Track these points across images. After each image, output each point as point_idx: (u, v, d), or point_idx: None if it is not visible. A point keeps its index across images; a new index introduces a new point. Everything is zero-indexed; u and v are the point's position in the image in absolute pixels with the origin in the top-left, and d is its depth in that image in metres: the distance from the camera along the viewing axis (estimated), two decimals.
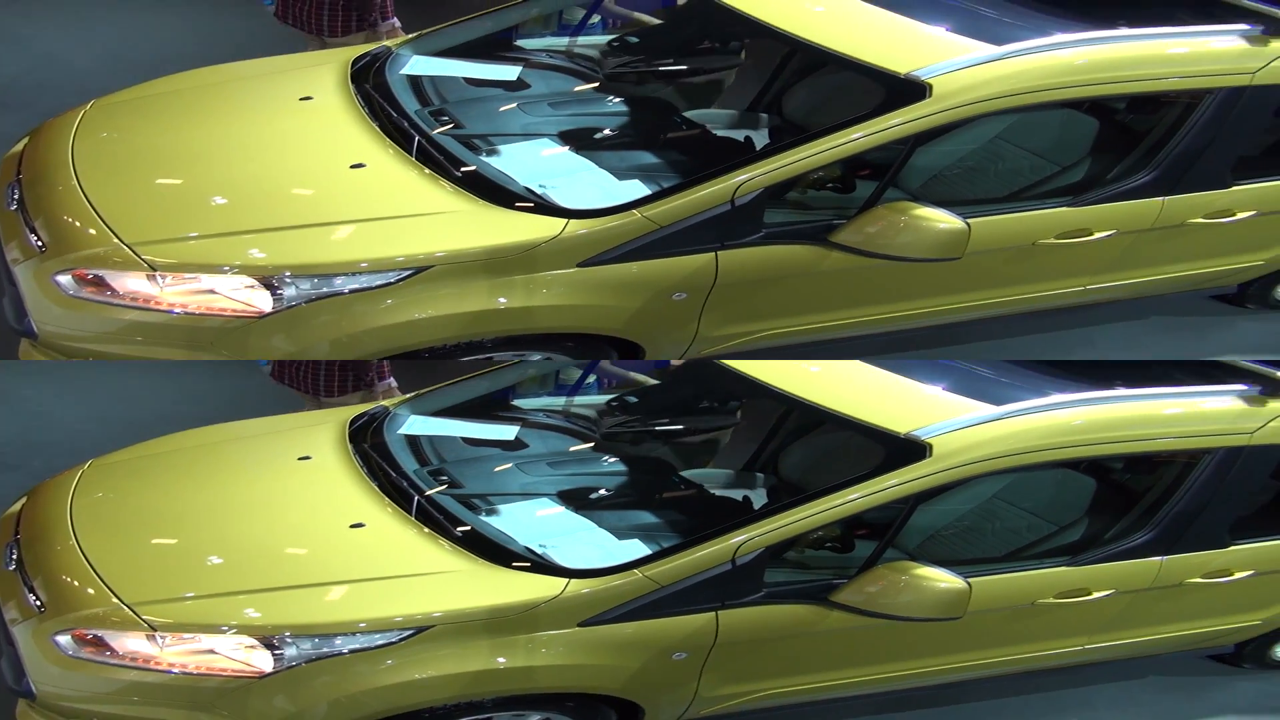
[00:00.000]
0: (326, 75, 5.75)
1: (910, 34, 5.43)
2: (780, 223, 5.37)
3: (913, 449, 5.16)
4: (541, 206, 5.26)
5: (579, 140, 5.69)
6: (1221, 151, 5.68)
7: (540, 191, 5.38)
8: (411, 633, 4.79)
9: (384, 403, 5.94)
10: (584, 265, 5.23)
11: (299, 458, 5.56)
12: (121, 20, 8.31)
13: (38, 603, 4.90)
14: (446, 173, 5.32)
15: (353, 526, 5.12)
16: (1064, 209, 5.63)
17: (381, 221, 5.18)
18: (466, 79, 5.87)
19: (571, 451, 5.97)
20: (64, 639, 4.77)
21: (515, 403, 6.21)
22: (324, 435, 5.63)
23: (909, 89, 5.24)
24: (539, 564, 5.06)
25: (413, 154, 5.38)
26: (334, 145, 5.45)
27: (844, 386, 5.51)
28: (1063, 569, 5.55)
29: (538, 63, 6.05)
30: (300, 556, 5.03)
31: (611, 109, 5.91)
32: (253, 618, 4.74)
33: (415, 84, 5.76)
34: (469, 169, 5.35)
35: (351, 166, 5.35)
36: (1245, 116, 5.61)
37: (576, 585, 4.95)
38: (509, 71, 5.88)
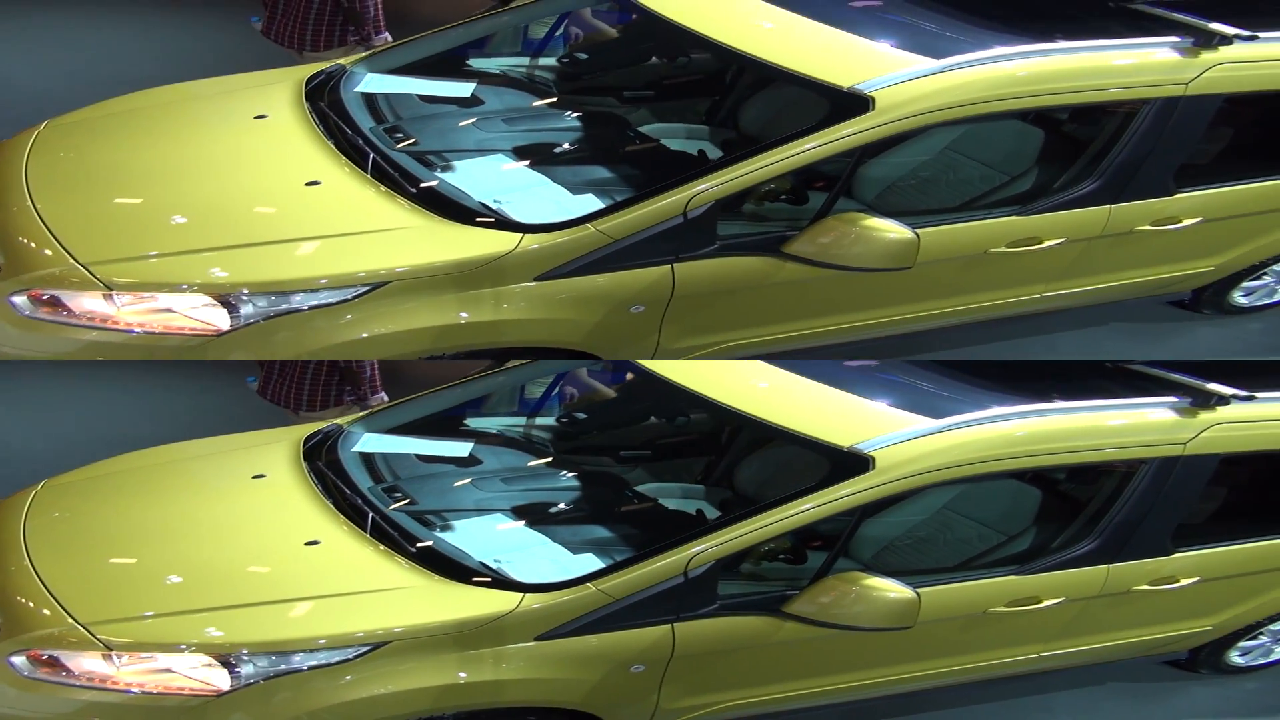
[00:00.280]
0: (281, 93, 5.76)
1: (854, 48, 5.48)
2: (735, 234, 5.41)
3: (856, 462, 5.23)
4: (496, 221, 5.29)
5: (533, 155, 5.72)
6: (1162, 160, 5.77)
7: (495, 206, 5.41)
8: (368, 649, 4.79)
9: (338, 420, 5.96)
10: (541, 279, 5.26)
11: (253, 476, 5.56)
12: (76, 41, 8.29)
13: None
14: (401, 189, 5.34)
15: (308, 544, 5.13)
16: (1013, 218, 5.69)
17: (337, 238, 5.20)
18: (420, 96, 5.89)
19: (525, 467, 6.00)
20: (19, 660, 4.76)
21: (469, 419, 6.24)
22: (278, 453, 5.64)
23: (852, 102, 5.30)
24: (494, 579, 5.08)
25: (368, 171, 5.40)
26: (289, 163, 5.47)
27: (789, 401, 5.57)
28: (1012, 578, 5.63)
29: (492, 79, 6.08)
30: (255, 574, 5.03)
31: (565, 124, 5.94)
32: (209, 636, 4.74)
33: (370, 101, 5.78)
34: (424, 185, 5.37)
35: (306, 184, 5.37)
36: (1182, 126, 5.70)
37: (531, 600, 4.97)
38: (463, 88, 5.92)
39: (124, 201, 5.33)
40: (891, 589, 5.15)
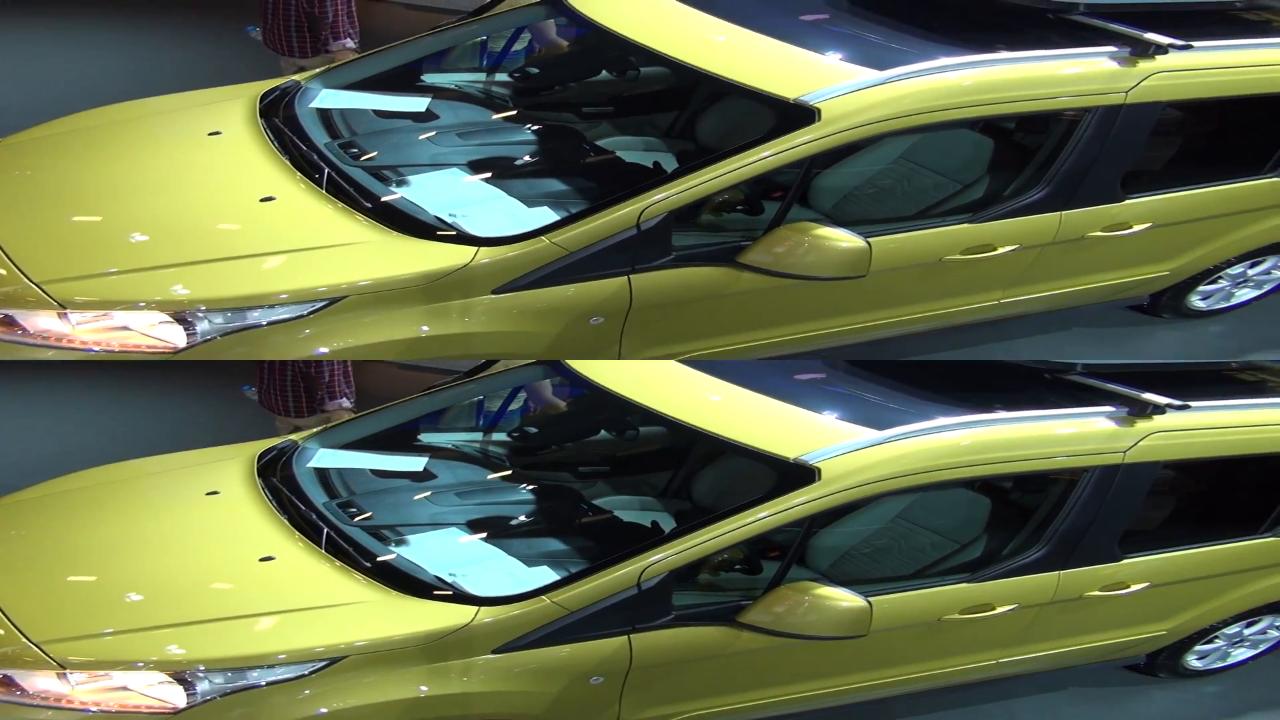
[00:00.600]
0: (235, 110, 5.76)
1: (800, 61, 5.51)
2: (690, 245, 5.43)
3: (802, 473, 5.27)
4: (451, 235, 5.30)
5: (488, 169, 5.73)
6: (1108, 167, 5.81)
7: (450, 220, 5.41)
8: (324, 664, 4.80)
9: (292, 436, 5.97)
10: (498, 292, 5.27)
11: (207, 493, 5.56)
12: (29, 59, 8.28)
13: None
14: (356, 204, 5.35)
15: (262, 560, 5.14)
16: (966, 226, 5.73)
17: (292, 254, 5.20)
18: (375, 111, 5.90)
19: (480, 481, 6.01)
20: None
21: (423, 434, 6.24)
22: (232, 470, 5.64)
23: (799, 114, 5.33)
24: (449, 593, 5.09)
25: (322, 186, 5.40)
26: (243, 179, 5.47)
27: (738, 414, 5.60)
28: (965, 586, 5.67)
29: (446, 93, 6.08)
30: (209, 591, 5.03)
31: (520, 138, 5.95)
32: (165, 653, 4.74)
33: (324, 117, 5.78)
34: (379, 200, 5.37)
35: (261, 200, 5.37)
36: (1125, 133, 5.75)
37: (486, 613, 4.99)
38: (417, 103, 5.93)
39: (78, 219, 5.33)
40: (844, 598, 5.20)
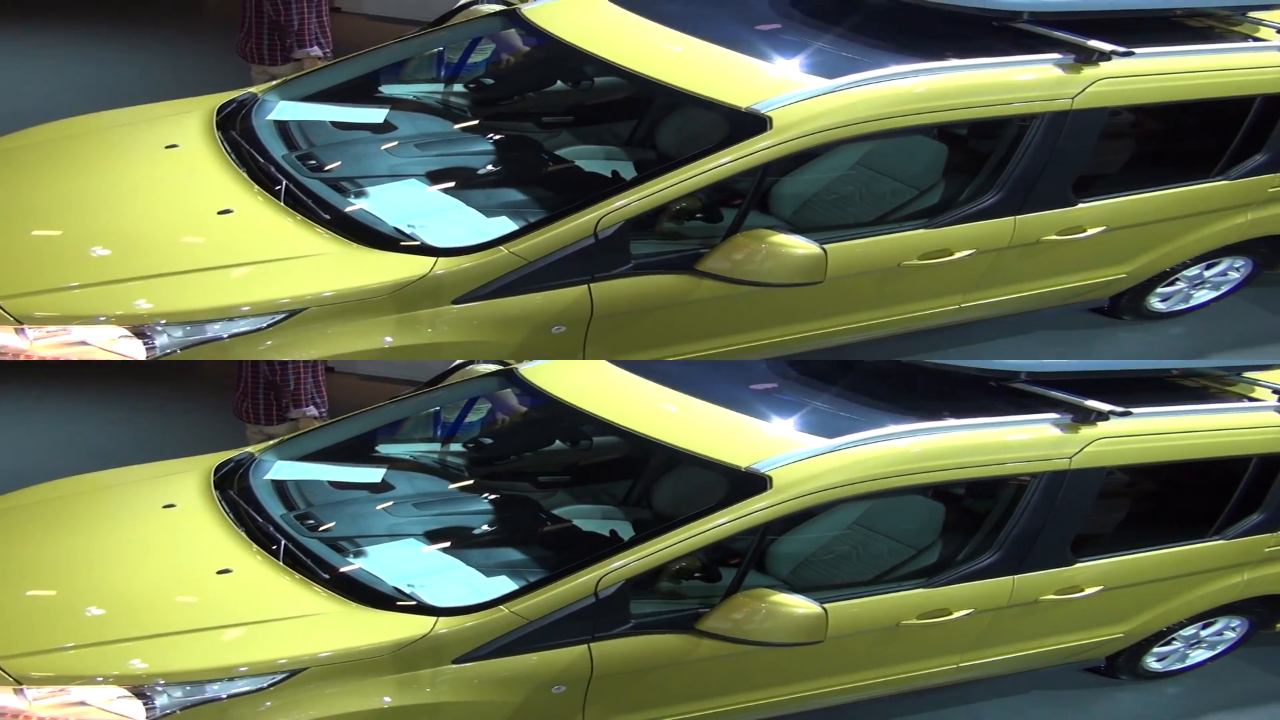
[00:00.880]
0: (192, 122, 5.76)
1: (752, 70, 5.55)
2: (649, 254, 5.44)
3: (754, 482, 5.31)
4: (410, 246, 5.29)
5: (446, 179, 5.73)
6: (1058, 172, 5.86)
7: (409, 231, 5.41)
8: (285, 676, 4.78)
9: (249, 449, 5.96)
10: (459, 302, 5.27)
11: (164, 505, 5.55)
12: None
13: None
14: (314, 215, 5.34)
15: (220, 573, 5.13)
16: (922, 231, 5.76)
17: (250, 266, 5.19)
18: (333, 123, 5.91)
19: (437, 491, 6.00)
20: None
21: (381, 445, 6.24)
22: (189, 483, 5.63)
23: (750, 122, 5.36)
24: (407, 603, 5.09)
25: (280, 198, 5.40)
26: (200, 192, 5.46)
27: (690, 424, 5.64)
28: (921, 591, 5.71)
29: (403, 104, 6.08)
30: (167, 604, 5.01)
31: (477, 148, 5.95)
32: (122, 667, 4.72)
33: (281, 129, 5.78)
34: (337, 211, 5.37)
35: (219, 213, 5.36)
36: (1073, 138, 5.80)
37: (445, 623, 5.00)
38: (375, 114, 5.93)
39: (35, 234, 5.31)
40: (799, 605, 5.23)
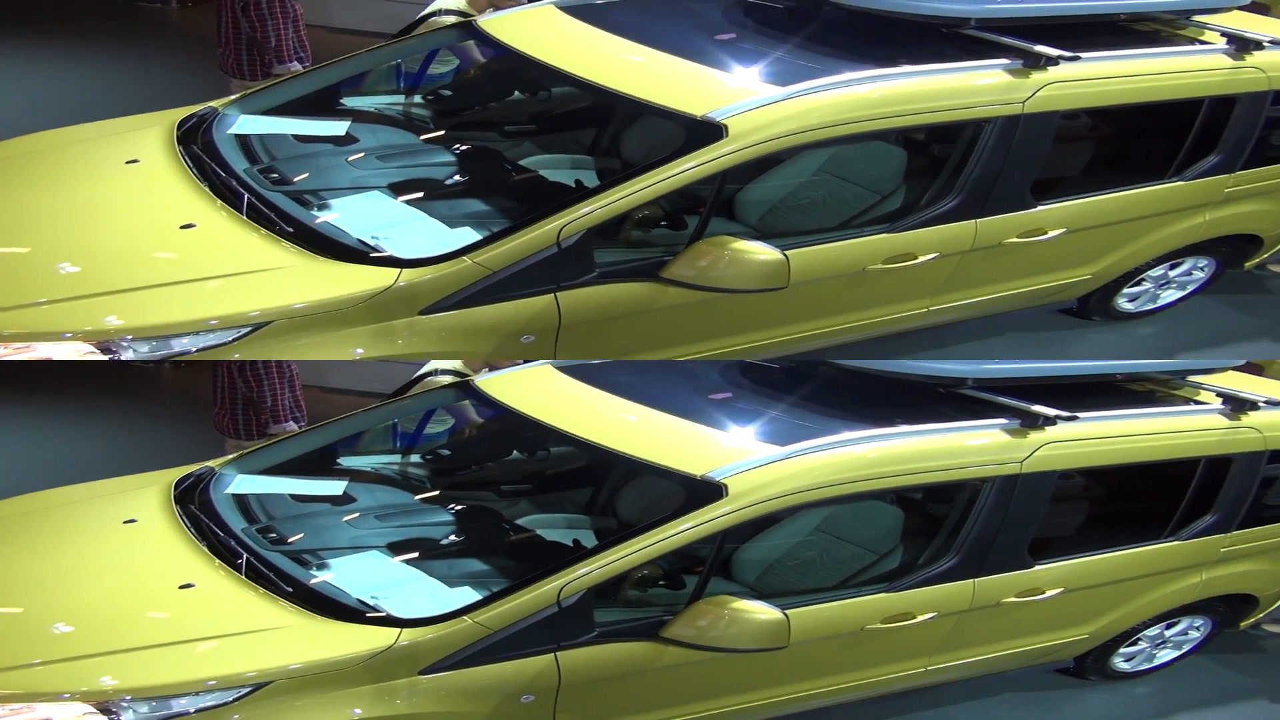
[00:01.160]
0: (152, 137, 5.76)
1: (707, 79, 5.58)
2: (614, 262, 5.45)
3: (709, 490, 5.33)
4: (374, 257, 5.29)
5: (409, 190, 5.73)
6: (1015, 175, 5.89)
7: (373, 242, 5.41)
8: (250, 690, 4.78)
9: (209, 463, 5.95)
10: (426, 313, 5.27)
11: (124, 521, 5.54)
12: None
13: None
14: (278, 229, 5.34)
15: (182, 587, 5.13)
16: (884, 235, 5.78)
17: (214, 280, 5.19)
18: (294, 136, 5.91)
19: (398, 503, 6.00)
20: None
21: (341, 457, 6.24)
22: (149, 498, 5.62)
23: (706, 130, 5.38)
24: (372, 615, 5.09)
25: (243, 212, 5.39)
26: (162, 207, 5.46)
27: (647, 433, 5.67)
28: (884, 595, 5.74)
29: (365, 116, 6.08)
30: (128, 620, 5.00)
31: (439, 159, 5.96)
32: (87, 683, 4.70)
33: (243, 142, 5.78)
34: (300, 224, 5.37)
35: (181, 227, 5.36)
36: (1026, 142, 5.84)
37: (409, 634, 5.00)
38: (336, 126, 5.93)
39: None
40: (761, 611, 5.25)
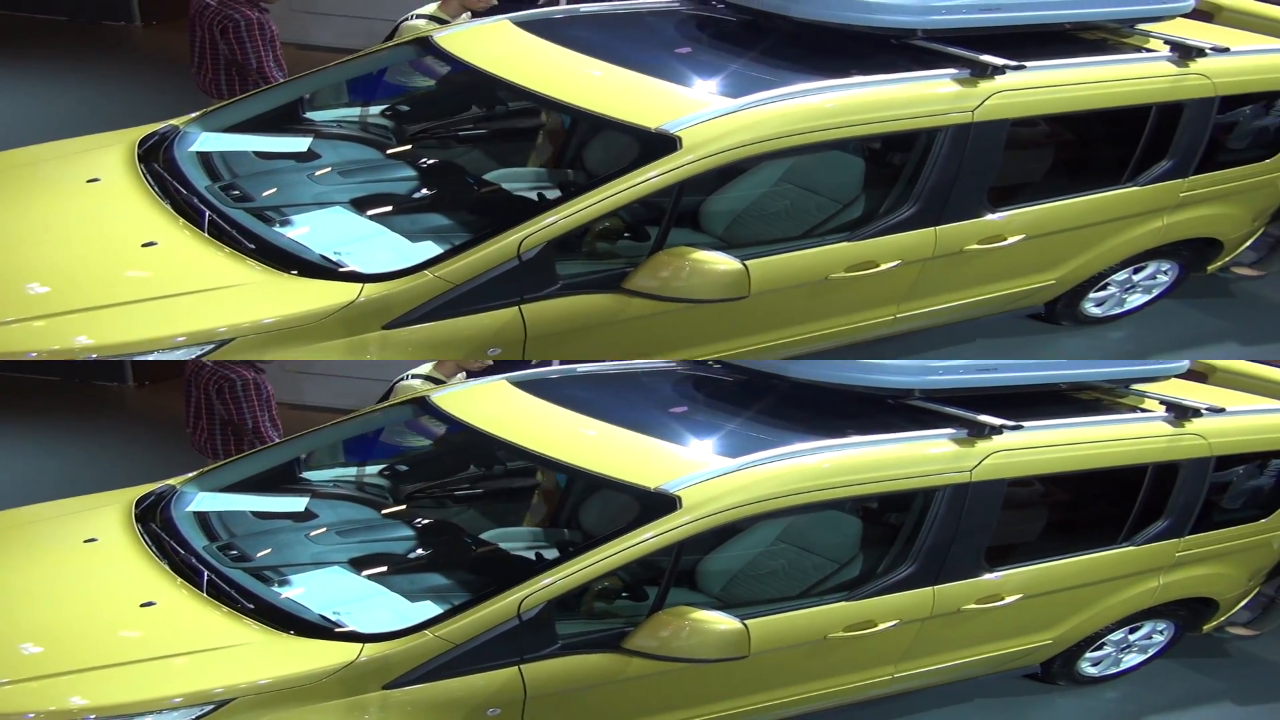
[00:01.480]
0: (113, 156, 5.76)
1: (661, 92, 5.60)
2: (577, 274, 5.46)
3: (663, 502, 5.34)
4: (336, 273, 5.29)
5: (369, 205, 5.72)
6: (970, 183, 5.92)
7: (335, 258, 5.40)
8: (213, 707, 4.76)
9: (170, 481, 5.94)
10: (390, 327, 5.27)
11: (85, 540, 5.52)
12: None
13: None
14: (239, 245, 5.34)
15: (143, 605, 5.11)
16: (845, 244, 5.79)
17: (177, 298, 5.18)
18: (254, 153, 5.91)
19: (358, 518, 6.00)
20: None
21: (303, 473, 6.24)
22: (110, 516, 5.61)
23: (660, 142, 5.39)
24: (333, 631, 5.08)
25: (204, 229, 5.38)
26: (123, 225, 5.45)
27: (601, 447, 5.69)
28: (844, 604, 5.75)
29: (324, 132, 6.08)
30: (91, 639, 4.98)
31: (399, 174, 5.95)
32: (50, 702, 4.68)
33: (204, 160, 5.78)
34: (262, 240, 5.37)
35: (143, 245, 5.35)
36: (979, 150, 5.87)
37: (372, 649, 4.99)
38: (297, 143, 5.93)
39: None
40: (720, 621, 5.26)
